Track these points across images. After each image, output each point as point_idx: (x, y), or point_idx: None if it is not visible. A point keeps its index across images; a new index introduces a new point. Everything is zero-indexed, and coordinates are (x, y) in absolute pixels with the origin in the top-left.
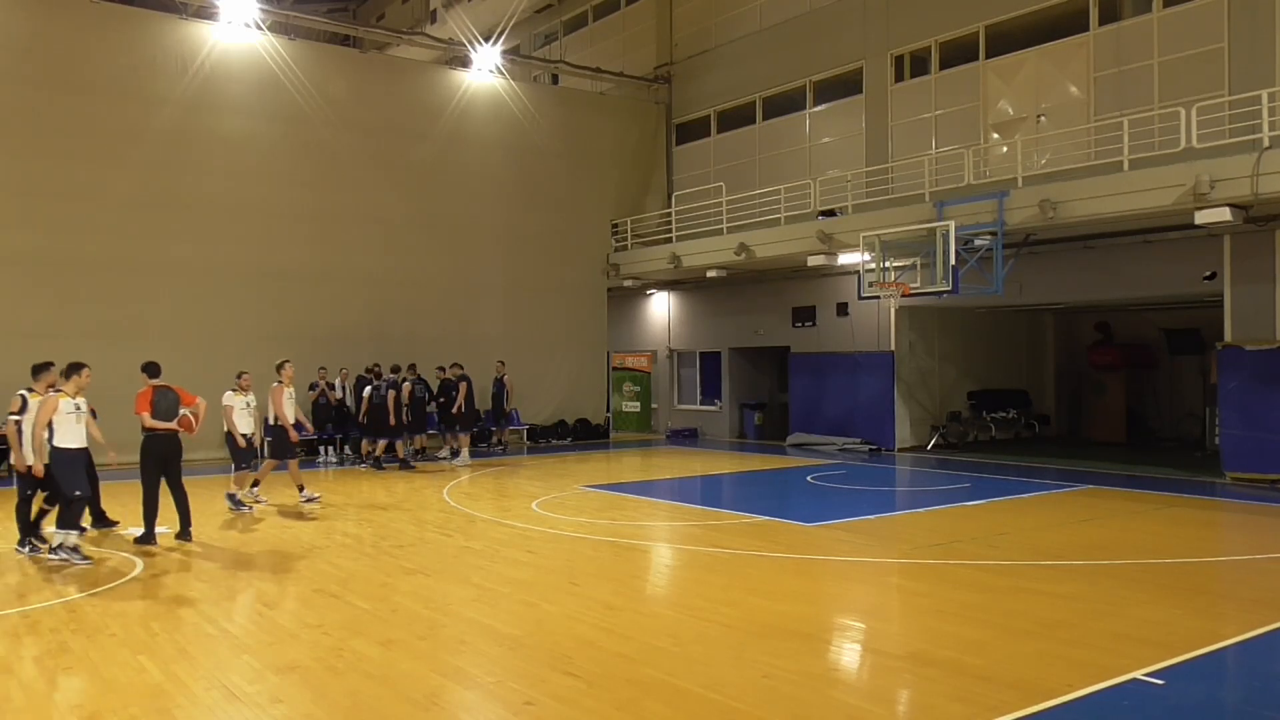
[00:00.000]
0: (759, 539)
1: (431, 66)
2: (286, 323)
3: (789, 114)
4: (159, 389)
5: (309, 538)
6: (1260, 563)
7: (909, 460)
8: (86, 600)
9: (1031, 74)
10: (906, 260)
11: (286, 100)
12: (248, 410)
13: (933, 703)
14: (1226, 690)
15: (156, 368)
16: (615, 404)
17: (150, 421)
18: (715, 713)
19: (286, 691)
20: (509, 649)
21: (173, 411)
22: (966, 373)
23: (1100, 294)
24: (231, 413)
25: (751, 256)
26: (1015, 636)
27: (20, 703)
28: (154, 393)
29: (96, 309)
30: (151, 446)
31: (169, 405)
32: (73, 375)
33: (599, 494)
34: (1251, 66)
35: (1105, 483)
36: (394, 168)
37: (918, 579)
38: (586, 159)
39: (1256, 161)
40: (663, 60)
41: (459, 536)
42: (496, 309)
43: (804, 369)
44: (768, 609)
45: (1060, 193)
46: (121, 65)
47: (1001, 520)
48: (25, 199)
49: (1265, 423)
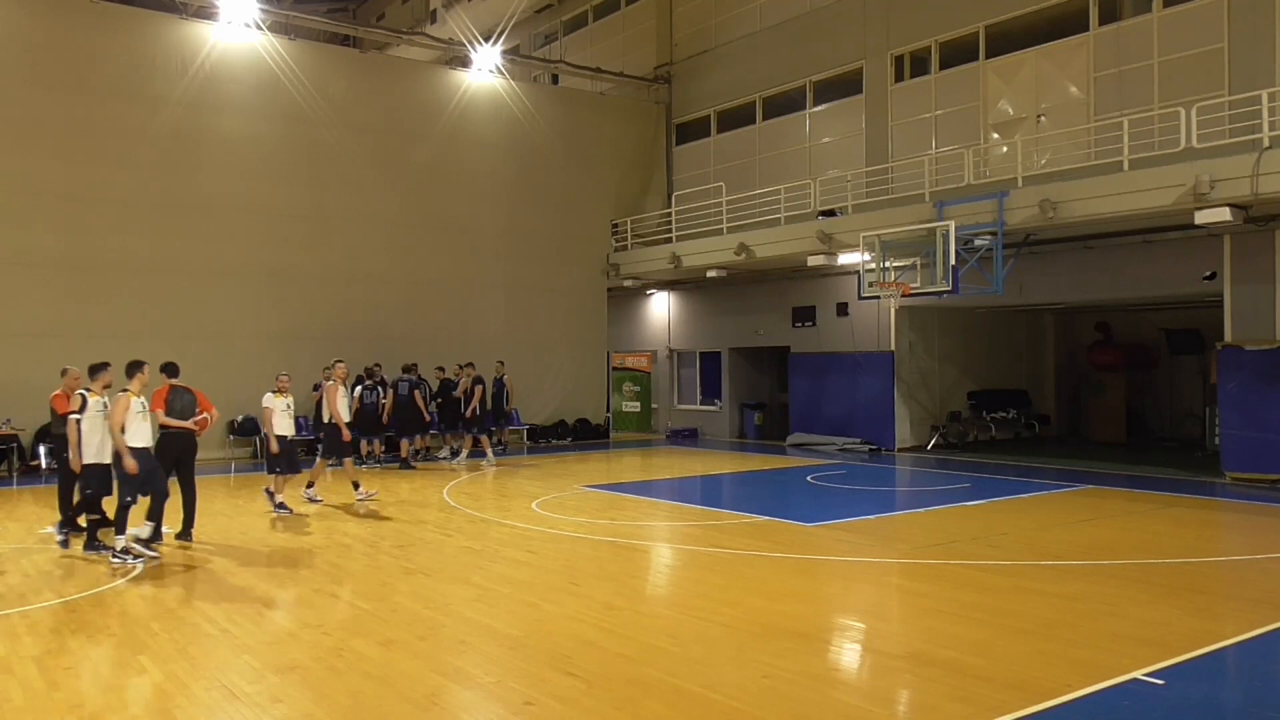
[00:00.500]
0: (759, 539)
1: (431, 66)
2: (286, 322)
3: (789, 114)
4: (175, 388)
5: (309, 538)
6: (1260, 563)
7: (909, 460)
8: (86, 600)
9: (1031, 74)
10: (906, 260)
11: (287, 100)
12: (288, 412)
13: (933, 703)
14: (1226, 690)
15: (175, 368)
16: (615, 404)
17: (165, 419)
18: (715, 713)
19: (286, 691)
20: (509, 649)
21: (189, 411)
22: (966, 373)
23: (1100, 294)
24: (272, 415)
25: (751, 256)
26: (1015, 636)
27: (20, 703)
28: (170, 391)
29: (96, 309)
30: (167, 444)
31: (185, 405)
32: (135, 374)
33: (599, 494)
34: (1251, 66)
35: (1105, 483)
36: (394, 168)
37: (918, 579)
38: (586, 159)
39: (1256, 161)
40: (663, 60)
41: (459, 536)
42: (496, 309)
43: (804, 369)
44: (768, 609)
45: (1060, 193)
46: (122, 65)
47: (1001, 520)
48: (25, 199)
49: (1265, 423)
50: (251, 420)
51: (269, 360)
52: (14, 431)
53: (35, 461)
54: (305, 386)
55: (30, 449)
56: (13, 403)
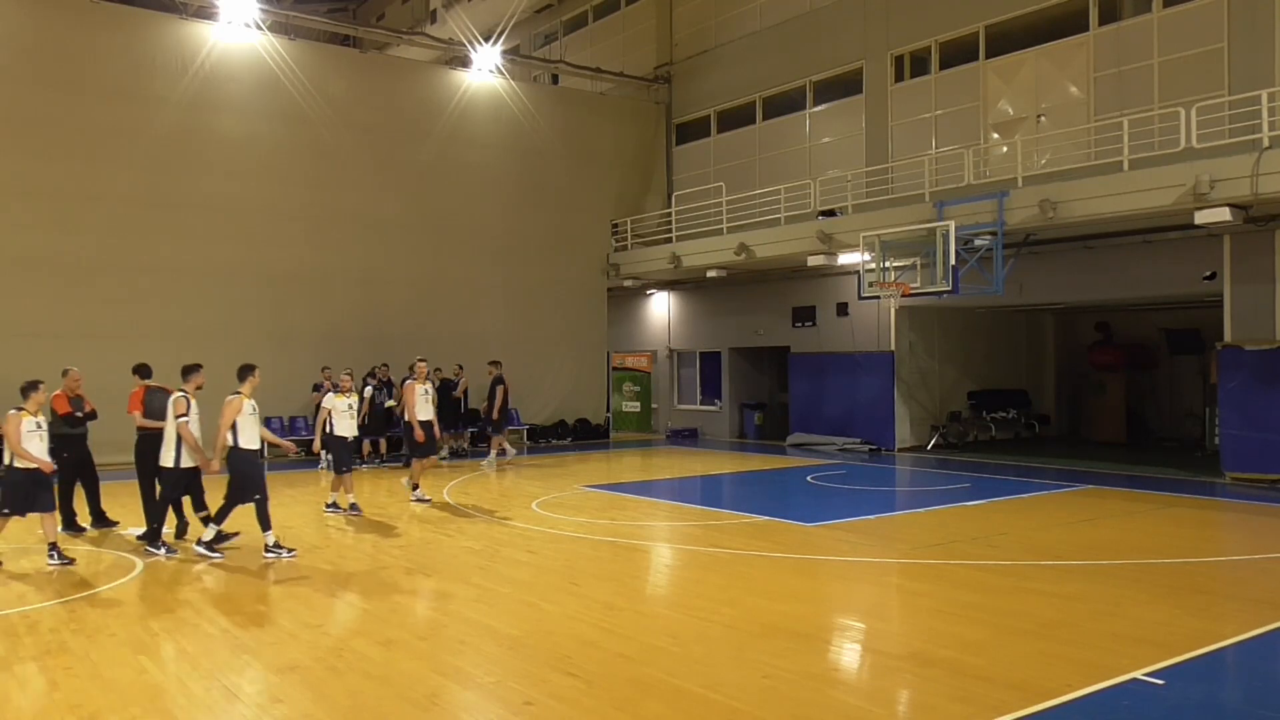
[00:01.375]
0: (759, 539)
1: (431, 66)
2: (286, 322)
3: (789, 114)
4: (151, 389)
5: (309, 538)
6: (1260, 563)
7: (909, 460)
8: (86, 600)
9: (1031, 74)
10: (906, 260)
11: (286, 100)
12: (350, 412)
13: (933, 703)
14: (1226, 690)
15: (148, 369)
16: (615, 404)
17: (143, 421)
18: (715, 713)
19: (286, 691)
20: (509, 649)
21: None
22: (966, 373)
23: (1100, 294)
24: (333, 414)
25: (751, 256)
26: (1015, 636)
27: (20, 703)
28: (145, 392)
29: (95, 309)
30: (146, 446)
31: (162, 405)
32: (247, 377)
33: (599, 494)
34: (1251, 66)
35: (1105, 483)
36: (394, 168)
37: (918, 579)
38: (586, 159)
39: (1256, 161)
40: (663, 60)
41: (459, 536)
42: (496, 309)
43: (804, 369)
44: (768, 609)
45: (1060, 193)
46: (121, 65)
47: (1001, 520)
48: (25, 199)
49: (1265, 423)
50: None
51: (268, 360)
52: None
53: None
54: (304, 387)
55: None
56: (12, 403)
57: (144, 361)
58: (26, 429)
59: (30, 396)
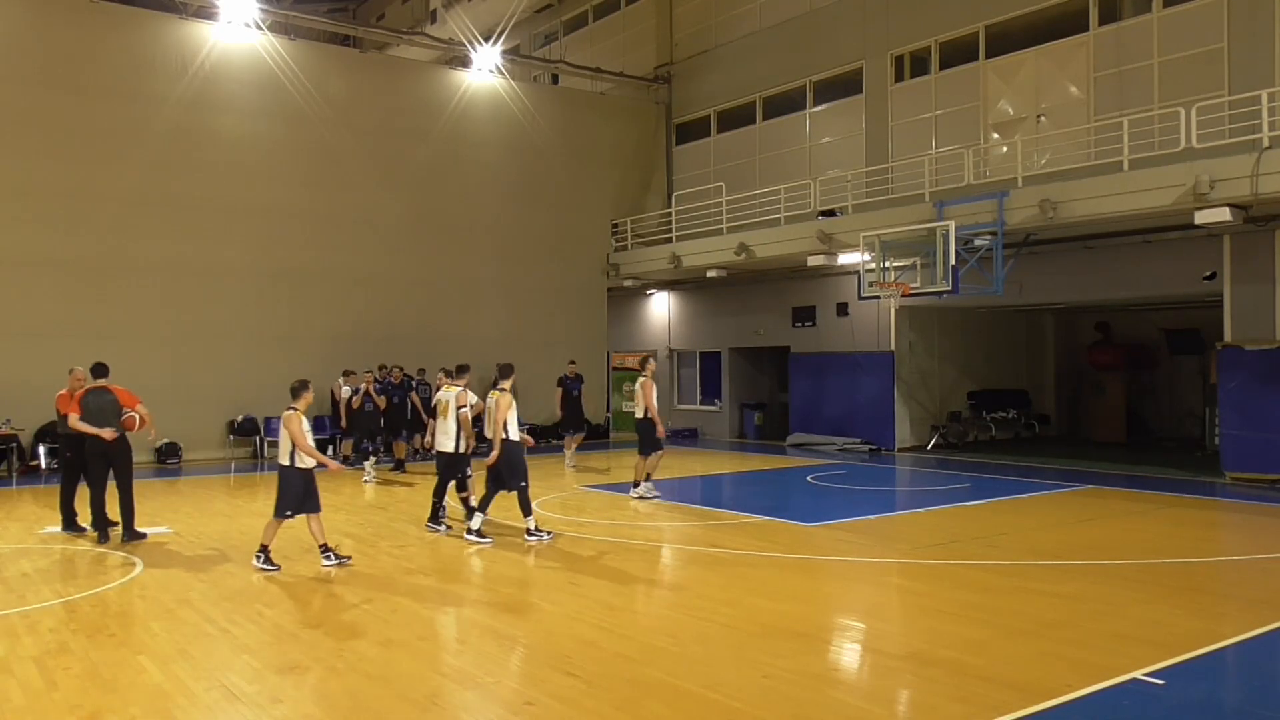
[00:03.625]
0: (759, 539)
1: (431, 66)
2: (286, 322)
3: (789, 114)
4: (93, 389)
5: (309, 538)
6: (1260, 563)
7: (909, 460)
8: (86, 600)
9: (1031, 74)
10: (906, 260)
11: (286, 100)
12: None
13: (933, 703)
14: (1226, 690)
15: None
16: (615, 404)
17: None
18: (715, 713)
19: (286, 691)
20: (509, 649)
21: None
22: (966, 373)
23: (1100, 294)
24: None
25: (751, 256)
26: (1015, 636)
27: (20, 703)
28: (85, 394)
29: (96, 309)
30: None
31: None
32: (302, 393)
33: (599, 494)
34: (1251, 66)
35: (1105, 483)
36: (394, 168)
37: (918, 579)
38: (586, 159)
39: (1256, 161)
40: (663, 60)
41: (459, 536)
42: (496, 309)
43: (804, 369)
44: (768, 609)
45: (1060, 193)
46: (121, 65)
47: (1001, 520)
48: (25, 199)
49: (1265, 423)
50: (251, 420)
51: (268, 361)
52: (14, 431)
53: (35, 461)
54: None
55: (30, 449)
56: (12, 403)
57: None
58: (305, 428)
59: (301, 396)
